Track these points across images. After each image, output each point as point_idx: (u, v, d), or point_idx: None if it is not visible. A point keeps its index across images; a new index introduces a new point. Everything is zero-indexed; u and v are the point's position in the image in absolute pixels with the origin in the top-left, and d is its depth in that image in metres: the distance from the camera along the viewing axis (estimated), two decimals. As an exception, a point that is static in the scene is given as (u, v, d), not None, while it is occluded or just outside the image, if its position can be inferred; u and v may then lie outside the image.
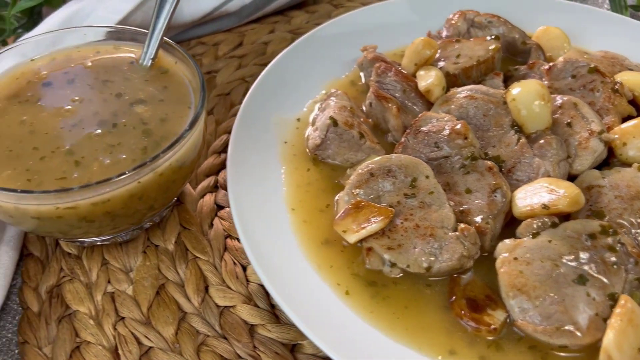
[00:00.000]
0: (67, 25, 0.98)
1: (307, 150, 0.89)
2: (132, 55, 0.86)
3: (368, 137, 0.87)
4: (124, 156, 0.73)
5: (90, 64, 0.85)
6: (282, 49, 1.14)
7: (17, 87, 0.82)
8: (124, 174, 0.67)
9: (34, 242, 0.85)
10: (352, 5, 1.26)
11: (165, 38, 0.85)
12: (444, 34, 1.06)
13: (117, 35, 0.88)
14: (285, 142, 0.91)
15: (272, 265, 0.74)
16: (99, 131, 0.76)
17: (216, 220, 0.87)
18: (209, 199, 0.90)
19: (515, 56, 1.04)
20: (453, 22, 1.06)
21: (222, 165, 0.96)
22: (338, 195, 0.82)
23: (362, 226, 0.75)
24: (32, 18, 1.15)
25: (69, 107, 0.79)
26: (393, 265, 0.74)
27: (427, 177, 0.79)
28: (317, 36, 1.05)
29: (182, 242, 0.85)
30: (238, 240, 0.84)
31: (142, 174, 0.69)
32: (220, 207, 0.89)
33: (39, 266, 0.82)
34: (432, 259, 0.73)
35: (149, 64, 0.84)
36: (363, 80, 1.01)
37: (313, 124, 0.93)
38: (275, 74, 0.98)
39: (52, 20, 0.98)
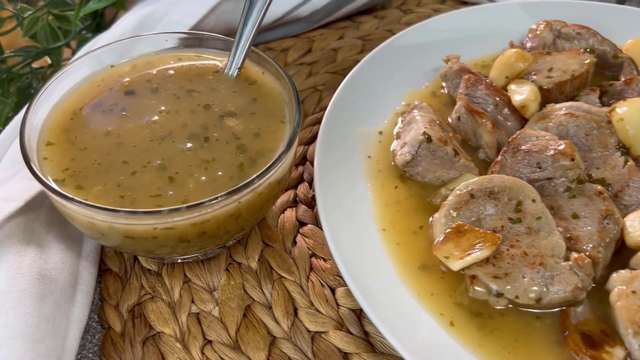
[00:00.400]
0: (140, 29, 0.95)
1: (396, 165, 0.85)
2: (217, 63, 0.82)
3: (462, 154, 0.83)
4: (220, 173, 0.69)
5: (172, 72, 0.81)
6: (353, 56, 1.11)
7: (99, 95, 0.78)
8: (232, 193, 0.63)
9: (112, 257, 0.81)
10: (422, 11, 1.21)
11: (252, 47, 0.81)
12: (528, 44, 1.01)
13: (199, 42, 0.84)
14: (369, 157, 0.87)
15: (368, 290, 0.70)
16: (190, 145, 0.72)
17: (299, 238, 0.83)
18: (290, 214, 0.86)
19: (604, 70, 0.99)
20: (538, 32, 1.01)
21: (300, 179, 0.92)
22: (433, 216, 0.78)
23: (467, 253, 0.71)
24: (95, 20, 1.12)
25: (156, 118, 0.75)
26: (500, 295, 0.70)
27: (533, 200, 0.74)
28: (395, 45, 1.01)
29: (266, 260, 0.81)
30: (324, 259, 0.81)
31: (244, 194, 0.65)
32: (301, 224, 0.85)
33: (119, 283, 0.79)
34: (544, 289, 0.69)
35: (235, 74, 0.80)
36: (446, 91, 0.97)
37: (398, 137, 0.88)
38: (355, 84, 0.94)
39: (125, 24, 0.94)
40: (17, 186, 0.75)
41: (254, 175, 0.66)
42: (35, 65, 1.07)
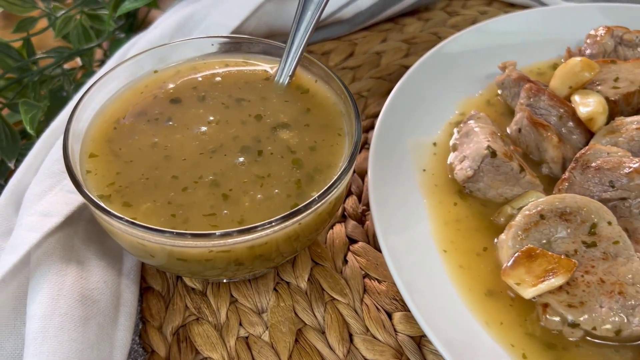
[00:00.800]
0: (180, 31, 0.90)
1: (453, 180, 0.80)
2: (267, 70, 0.78)
3: (527, 169, 0.77)
4: (277, 191, 0.64)
5: (219, 79, 0.76)
6: (398, 60, 1.06)
7: (143, 103, 0.73)
8: (294, 214, 0.59)
9: (154, 274, 0.77)
10: (468, 14, 1.16)
11: (305, 53, 0.76)
12: (587, 51, 0.95)
13: (247, 46, 0.79)
14: (424, 170, 0.82)
15: (432, 316, 0.65)
16: (243, 159, 0.67)
17: (350, 256, 0.78)
18: (339, 230, 0.81)
19: (669, 79, 0.93)
20: (598, 38, 0.95)
21: (348, 192, 0.87)
22: (499, 237, 0.73)
23: (540, 279, 0.66)
24: (129, 20, 1.07)
25: (205, 129, 0.70)
26: (575, 325, 0.65)
27: (609, 223, 0.69)
28: (445, 51, 0.96)
29: (316, 280, 0.76)
30: (378, 281, 0.76)
31: (306, 214, 0.61)
32: (351, 240, 0.81)
33: (161, 303, 0.74)
34: (624, 321, 0.64)
35: (286, 82, 0.75)
36: (501, 99, 0.92)
37: (455, 149, 0.83)
38: (406, 92, 0.89)
39: (164, 26, 0.90)
40: (56, 199, 0.71)
41: (316, 194, 0.61)
42: (65, 66, 1.03)
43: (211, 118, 0.71)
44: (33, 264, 0.67)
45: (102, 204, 0.61)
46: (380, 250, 0.79)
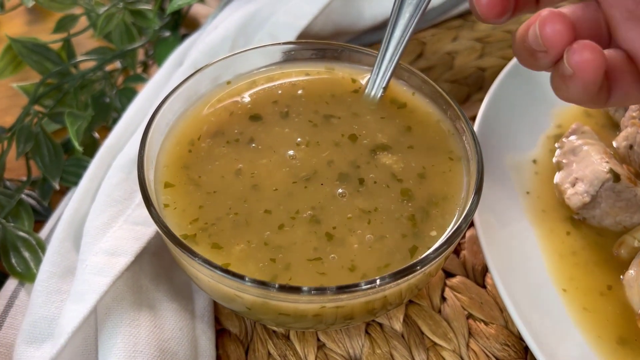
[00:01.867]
0: (243, 31, 0.80)
1: (562, 202, 0.71)
2: (357, 80, 0.68)
3: (651, 195, 0.68)
4: (389, 229, 0.55)
5: (301, 91, 0.67)
6: (473, 62, 0.96)
7: (218, 121, 0.64)
8: (424, 261, 0.49)
9: (229, 314, 0.67)
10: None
11: (401, 62, 0.66)
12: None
13: (330, 53, 0.69)
14: (528, 193, 0.73)
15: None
16: (343, 190, 0.57)
17: (448, 292, 0.69)
18: (431, 261, 0.72)
19: None
20: None
21: (434, 214, 0.77)
22: (627, 274, 0.64)
23: (689, 329, 0.57)
24: (174, 16, 0.97)
25: (293, 152, 0.61)
26: None
27: None
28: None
29: (413, 321, 0.67)
30: (485, 322, 0.67)
31: (436, 260, 0.51)
32: (448, 274, 0.71)
33: (240, 349, 0.65)
34: None
35: (379, 95, 0.66)
36: (605, 111, 0.82)
37: (560, 168, 0.74)
38: (497, 102, 0.79)
39: (225, 26, 0.79)
40: (122, 234, 0.61)
41: (446, 235, 0.52)
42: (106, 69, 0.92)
43: (299, 139, 0.62)
44: (101, 313, 0.57)
45: (193, 249, 0.51)
46: (482, 286, 0.70)
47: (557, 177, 0.74)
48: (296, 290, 0.48)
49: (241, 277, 0.48)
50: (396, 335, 0.66)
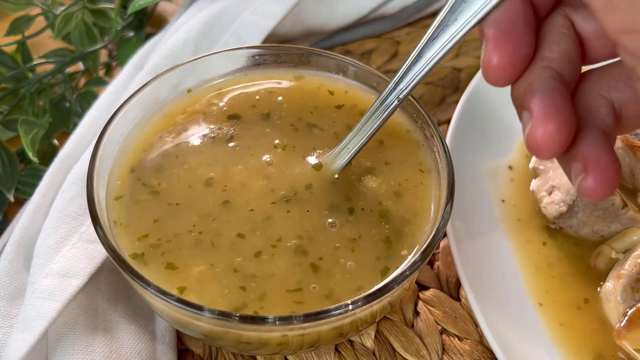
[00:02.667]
0: (208, 32, 0.76)
1: (541, 212, 0.68)
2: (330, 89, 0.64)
3: (629, 204, 0.66)
4: (368, 253, 0.51)
5: (281, 98, 0.63)
6: (448, 62, 0.94)
7: (180, 129, 0.60)
8: (394, 283, 0.47)
9: (192, 334, 0.64)
10: (520, 6, 1.03)
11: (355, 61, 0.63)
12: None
13: (298, 58, 0.65)
14: (503, 201, 0.71)
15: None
16: (332, 220, 0.53)
17: (422, 306, 0.67)
18: (405, 273, 0.70)
19: None
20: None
21: (408, 223, 0.75)
22: (604, 287, 0.62)
23: (668, 346, 0.55)
24: (138, 15, 0.93)
25: (273, 170, 0.57)
26: None
27: None
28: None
29: (385, 337, 0.64)
30: (459, 338, 0.64)
31: (404, 281, 0.48)
32: (421, 286, 0.69)
33: (204, 370, 0.62)
34: None
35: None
36: (582, 115, 0.80)
37: (537, 175, 0.72)
38: (472, 106, 0.77)
39: (189, 27, 0.75)
40: (75, 253, 0.58)
41: (407, 253, 0.49)
42: (66, 71, 0.88)
43: (267, 158, 0.58)
44: (52, 340, 0.54)
45: (140, 272, 0.47)
46: (456, 299, 0.67)
47: (534, 185, 0.71)
48: (260, 320, 0.45)
49: (198, 308, 0.45)
50: (367, 353, 0.63)
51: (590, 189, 0.41)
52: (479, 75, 0.79)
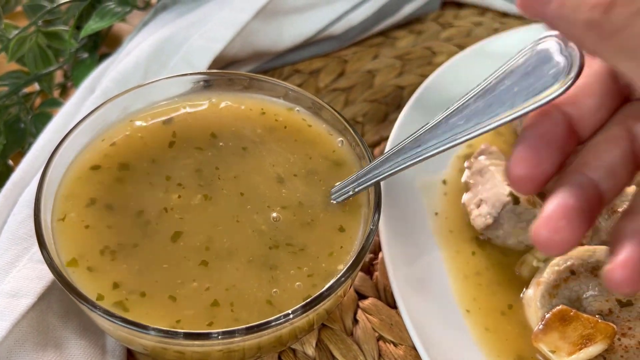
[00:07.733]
0: (158, 56, 0.79)
1: (468, 222, 0.73)
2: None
3: (549, 216, 0.71)
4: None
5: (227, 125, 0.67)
6: (392, 80, 0.99)
7: (125, 156, 0.63)
8: (325, 297, 0.51)
9: (142, 347, 0.68)
10: (462, 25, 1.09)
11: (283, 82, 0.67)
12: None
13: (247, 82, 0.69)
14: (436, 214, 0.76)
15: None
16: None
17: (360, 314, 0.71)
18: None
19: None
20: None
21: (351, 236, 0.79)
22: (525, 293, 0.67)
23: (578, 347, 0.60)
24: (92, 37, 0.95)
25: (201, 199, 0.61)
26: (616, 396, 0.60)
27: (646, 280, 0.64)
28: (447, 75, 0.88)
29: (326, 345, 0.68)
30: (394, 344, 0.69)
31: (330, 298, 0.53)
32: (360, 296, 0.73)
33: (153, 381, 0.65)
34: (669, 391, 0.59)
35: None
36: (514, 129, 0.85)
37: (468, 189, 0.77)
38: (409, 122, 0.81)
39: (139, 51, 0.79)
40: (25, 273, 0.61)
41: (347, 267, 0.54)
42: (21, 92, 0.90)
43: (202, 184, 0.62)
44: (3, 358, 0.57)
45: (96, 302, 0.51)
46: (393, 307, 0.72)
47: (464, 198, 0.76)
48: (200, 336, 0.49)
49: (139, 325, 0.49)
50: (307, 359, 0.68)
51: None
52: (417, 92, 0.84)
